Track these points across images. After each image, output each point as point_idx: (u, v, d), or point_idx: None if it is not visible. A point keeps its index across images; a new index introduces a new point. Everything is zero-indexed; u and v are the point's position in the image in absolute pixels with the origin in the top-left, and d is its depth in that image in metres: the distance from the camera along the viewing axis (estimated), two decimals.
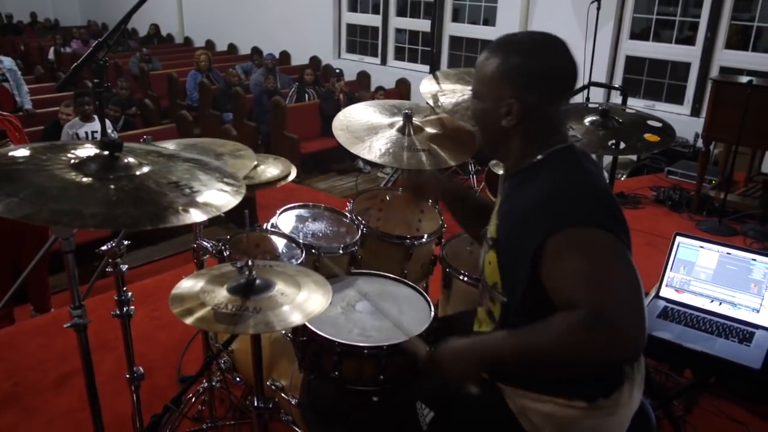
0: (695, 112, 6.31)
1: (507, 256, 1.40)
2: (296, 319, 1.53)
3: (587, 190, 1.33)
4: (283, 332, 2.19)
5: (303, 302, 1.59)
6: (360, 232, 2.27)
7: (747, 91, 4.00)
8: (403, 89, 8.25)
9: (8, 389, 2.79)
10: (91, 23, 13.42)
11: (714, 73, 6.11)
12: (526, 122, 1.39)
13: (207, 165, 1.52)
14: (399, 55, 8.89)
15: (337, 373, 1.78)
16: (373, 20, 8.96)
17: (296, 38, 9.75)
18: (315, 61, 9.46)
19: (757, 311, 2.21)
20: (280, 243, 2.12)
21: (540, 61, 1.38)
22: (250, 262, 1.59)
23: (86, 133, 5.52)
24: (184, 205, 1.20)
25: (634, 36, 6.69)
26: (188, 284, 1.67)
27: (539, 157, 1.41)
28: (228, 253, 1.97)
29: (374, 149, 2.34)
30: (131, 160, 1.36)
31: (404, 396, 1.70)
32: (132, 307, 1.93)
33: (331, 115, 7.41)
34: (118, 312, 1.88)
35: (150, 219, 1.13)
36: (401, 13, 8.68)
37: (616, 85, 6.42)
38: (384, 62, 8.94)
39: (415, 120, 2.48)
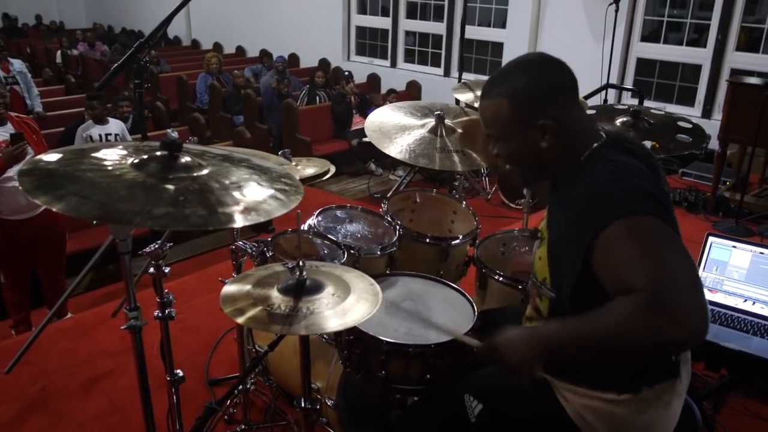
0: (706, 113, 6.32)
1: (557, 254, 1.43)
2: (350, 320, 1.54)
3: (629, 183, 1.33)
4: (321, 334, 2.20)
5: (355, 303, 1.60)
6: (397, 233, 2.28)
7: (764, 93, 4.02)
8: (413, 91, 8.26)
9: (36, 393, 2.79)
10: (97, 25, 13.45)
11: (725, 75, 6.13)
12: (562, 133, 1.42)
13: (262, 167, 1.54)
14: (409, 57, 8.90)
15: (383, 372, 1.79)
16: (383, 22, 8.98)
17: (305, 40, 9.78)
18: (324, 63, 9.48)
19: None
20: (319, 244, 2.14)
21: (541, 76, 1.43)
22: (301, 263, 1.61)
23: (100, 135, 5.52)
24: (248, 207, 1.21)
25: (643, 38, 6.71)
26: (237, 284, 1.69)
27: (581, 158, 1.43)
28: (271, 253, 1.99)
29: (407, 150, 2.37)
30: (188, 159, 1.38)
31: (452, 389, 1.71)
32: (174, 310, 1.94)
33: (343, 117, 7.52)
34: (159, 314, 1.89)
35: (218, 220, 1.14)
36: (411, 15, 8.70)
37: (629, 87, 6.44)
38: (394, 65, 8.96)
39: (447, 121, 2.51)
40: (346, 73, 7.87)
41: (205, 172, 1.36)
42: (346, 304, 1.59)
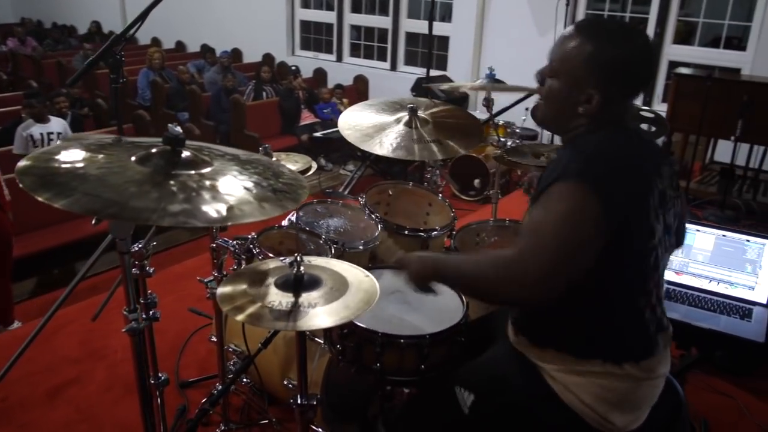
0: (647, 104, 6.57)
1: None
2: (354, 312, 1.53)
3: (611, 156, 1.39)
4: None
5: (355, 295, 1.60)
6: (378, 227, 2.28)
7: (707, 84, 4.21)
8: (361, 86, 8.26)
9: None
10: (26, 20, 12.84)
11: (663, 67, 6.39)
12: (600, 113, 1.43)
13: (260, 164, 1.51)
14: (355, 51, 8.88)
15: (378, 364, 1.79)
16: (328, 17, 8.93)
17: (248, 35, 9.61)
18: (268, 58, 9.35)
19: (753, 289, 2.35)
20: (305, 240, 2.12)
21: (628, 56, 1.41)
22: (299, 257, 1.59)
23: (41, 134, 5.31)
24: (260, 201, 1.19)
25: None
26: (232, 282, 1.65)
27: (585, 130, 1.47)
28: (257, 250, 1.95)
29: (385, 145, 2.37)
30: (189, 155, 1.34)
31: (443, 384, 1.72)
32: (158, 311, 1.88)
33: (291, 112, 7.44)
34: (144, 316, 1.83)
35: (235, 215, 1.12)
36: (356, 9, 8.68)
37: None
38: (340, 59, 8.93)
39: (420, 113, 2.52)
40: (293, 68, 7.79)
41: (208, 169, 1.32)
42: (348, 297, 1.58)
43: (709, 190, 4.87)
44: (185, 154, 1.28)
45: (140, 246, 1.75)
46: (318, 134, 6.68)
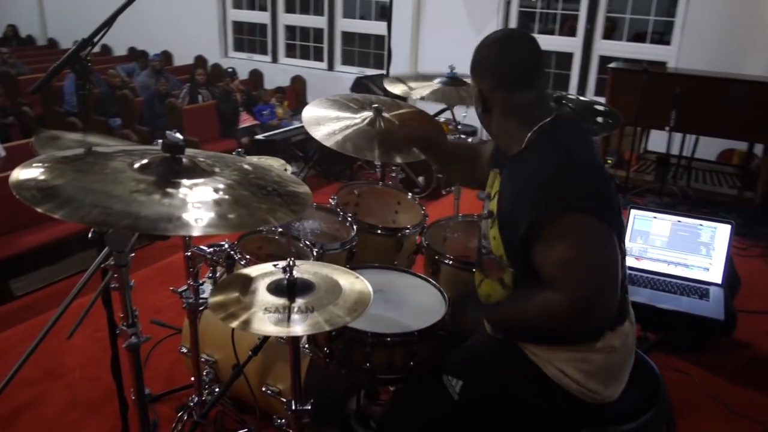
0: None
1: (506, 232, 1.55)
2: (351, 315, 1.53)
3: (578, 174, 1.47)
4: (279, 336, 2.16)
5: (351, 296, 1.59)
6: (353, 227, 2.28)
7: (643, 77, 4.40)
8: (298, 86, 8.19)
9: None
10: None
11: (594, 61, 6.65)
12: (494, 108, 1.60)
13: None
14: (290, 52, 8.80)
15: (368, 364, 1.80)
16: (261, 17, 8.80)
17: (178, 37, 9.35)
18: (201, 60, 9.13)
19: (708, 270, 2.48)
20: (285, 243, 2.09)
21: (497, 55, 1.58)
22: (292, 262, 1.57)
23: None
24: (277, 206, 1.18)
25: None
26: (222, 290, 1.62)
27: (528, 136, 1.53)
28: (239, 256, 1.92)
29: (345, 143, 2.36)
30: (187, 162, 1.31)
31: (429, 375, 1.75)
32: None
33: (229, 115, 7.31)
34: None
35: (257, 221, 1.10)
36: (290, 9, 8.60)
37: None
38: (275, 60, 8.82)
39: (385, 114, 2.53)
40: (229, 69, 7.65)
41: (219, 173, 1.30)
42: (343, 300, 1.58)
43: (646, 179, 5.10)
44: (184, 161, 1.25)
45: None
46: (260, 137, 6.59)
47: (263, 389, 2.23)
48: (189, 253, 2.04)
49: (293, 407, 1.71)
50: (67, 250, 4.87)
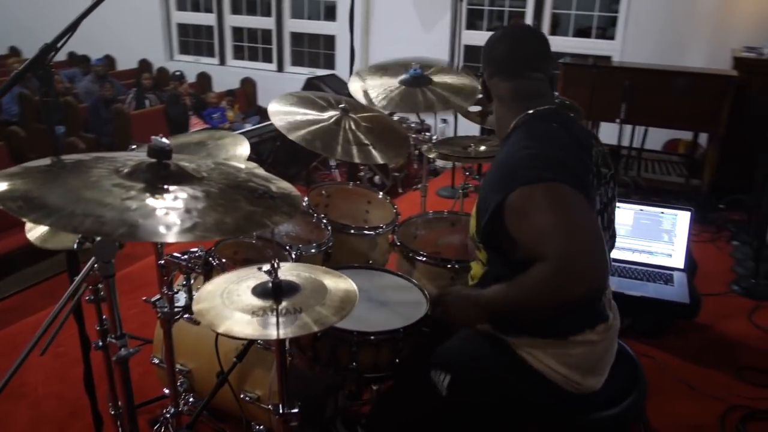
0: None
1: (480, 211, 1.59)
2: (340, 313, 1.52)
3: (541, 150, 1.52)
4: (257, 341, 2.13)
5: (337, 296, 1.59)
6: (328, 228, 2.27)
7: (593, 72, 4.52)
8: (248, 89, 8.09)
9: None
10: None
11: None
12: (493, 96, 1.69)
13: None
14: (239, 54, 8.67)
15: (354, 364, 1.80)
16: (207, 19, 8.64)
17: (120, 41, 9.08)
18: (145, 64, 8.91)
19: (671, 256, 2.57)
20: (261, 247, 2.06)
21: (494, 46, 1.69)
22: (276, 264, 1.55)
23: None
24: (272, 209, 1.16)
25: (469, 26, 7.19)
26: (204, 297, 1.59)
27: (512, 124, 1.62)
28: (217, 262, 1.88)
29: (314, 141, 2.34)
30: (174, 167, 1.28)
31: (416, 372, 1.76)
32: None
33: (179, 119, 7.16)
34: (101, 344, 1.72)
35: (257, 224, 1.09)
36: (236, 10, 8.47)
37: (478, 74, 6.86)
38: (223, 62, 8.68)
39: (353, 115, 2.52)
40: (177, 73, 7.49)
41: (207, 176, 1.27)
42: (330, 298, 1.57)
43: None
44: (172, 166, 1.22)
45: (94, 270, 1.64)
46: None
47: (241, 396, 2.20)
48: (162, 262, 1.99)
49: (281, 411, 1.69)
50: (11, 265, 4.69)
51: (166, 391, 2.28)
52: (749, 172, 4.51)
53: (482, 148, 2.69)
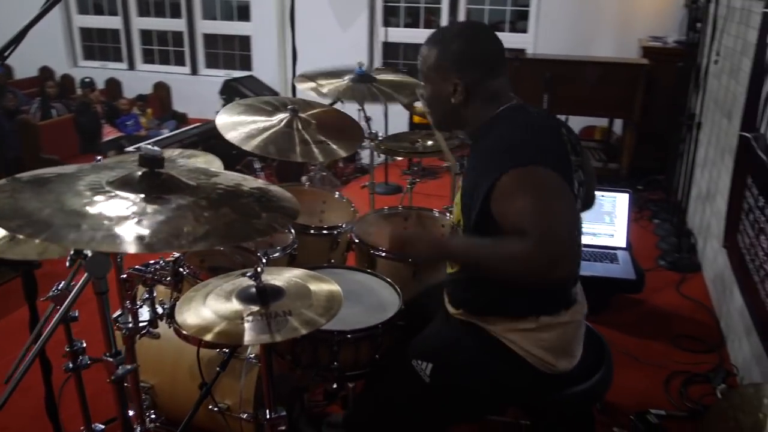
0: None
1: (467, 198, 1.64)
2: (328, 313, 1.52)
3: (528, 136, 1.60)
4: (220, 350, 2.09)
5: (324, 297, 1.58)
6: (291, 230, 2.24)
7: (515, 64, 4.69)
8: (162, 93, 7.81)
9: None
10: None
11: None
12: (472, 96, 1.65)
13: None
14: (149, 57, 8.35)
15: (336, 363, 1.80)
16: (112, 22, 8.27)
17: (17, 48, 8.54)
18: (47, 71, 8.41)
19: (613, 236, 2.71)
20: (229, 253, 2.02)
21: (474, 45, 1.66)
22: (260, 269, 1.53)
23: None
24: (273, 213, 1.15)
25: (386, 23, 7.25)
26: (186, 307, 1.55)
27: (489, 117, 1.66)
28: (186, 271, 1.83)
29: (268, 147, 2.32)
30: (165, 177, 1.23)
31: (397, 362, 1.79)
32: (87, 357, 1.69)
33: (90, 128, 6.82)
34: (71, 365, 1.63)
35: (267, 227, 1.07)
36: (144, 12, 8.16)
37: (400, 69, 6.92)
38: (132, 67, 8.34)
39: (302, 114, 2.51)
40: (87, 80, 7.14)
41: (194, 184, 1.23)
42: (317, 300, 1.57)
43: None
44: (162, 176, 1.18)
45: (60, 289, 1.56)
46: (130, 148, 6.20)
47: (209, 407, 2.15)
48: (125, 275, 1.91)
49: (267, 416, 1.67)
50: None
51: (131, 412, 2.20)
52: (663, 154, 4.82)
53: (429, 143, 2.74)
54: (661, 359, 2.91)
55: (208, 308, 1.52)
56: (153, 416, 2.29)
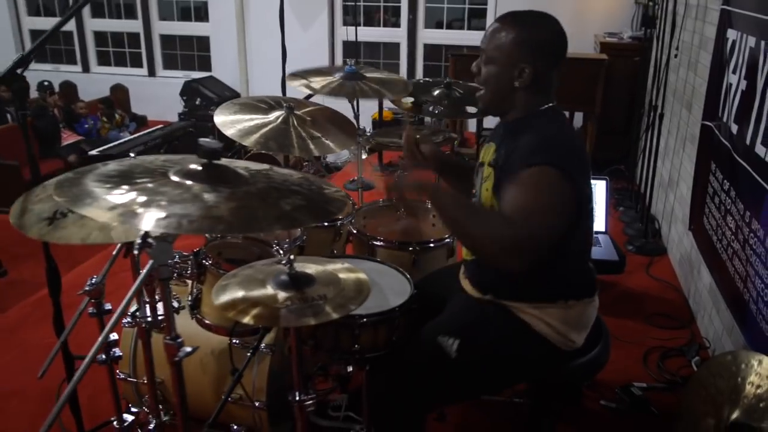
0: None
1: (502, 181, 1.71)
2: (359, 297, 1.61)
3: (565, 141, 1.73)
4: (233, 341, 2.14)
5: (353, 283, 1.67)
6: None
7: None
8: (120, 95, 7.69)
9: None
10: None
11: (420, 49, 7.10)
12: (533, 83, 1.73)
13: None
14: (104, 59, 8.20)
15: (357, 346, 1.87)
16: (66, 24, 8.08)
17: None
18: None
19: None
20: (247, 245, 2.07)
21: (547, 33, 1.74)
22: (292, 257, 1.60)
23: None
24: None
25: (345, 23, 7.34)
26: (223, 292, 1.60)
27: (537, 110, 1.76)
28: (209, 262, 1.88)
29: (268, 142, 2.37)
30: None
31: (422, 338, 1.88)
32: (118, 350, 1.73)
33: (49, 133, 6.68)
34: (104, 357, 1.67)
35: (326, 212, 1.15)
36: (98, 14, 8.01)
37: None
38: (87, 70, 8.17)
39: (297, 112, 2.57)
40: (45, 83, 6.98)
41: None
42: (348, 285, 1.65)
43: None
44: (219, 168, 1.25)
45: (96, 282, 1.60)
46: (94, 152, 6.11)
47: (222, 397, 2.19)
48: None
49: (297, 397, 1.73)
50: None
51: (133, 408, 2.23)
52: (623, 145, 5.05)
53: (417, 136, 2.83)
54: (638, 337, 3.09)
55: (245, 294, 1.58)
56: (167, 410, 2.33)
